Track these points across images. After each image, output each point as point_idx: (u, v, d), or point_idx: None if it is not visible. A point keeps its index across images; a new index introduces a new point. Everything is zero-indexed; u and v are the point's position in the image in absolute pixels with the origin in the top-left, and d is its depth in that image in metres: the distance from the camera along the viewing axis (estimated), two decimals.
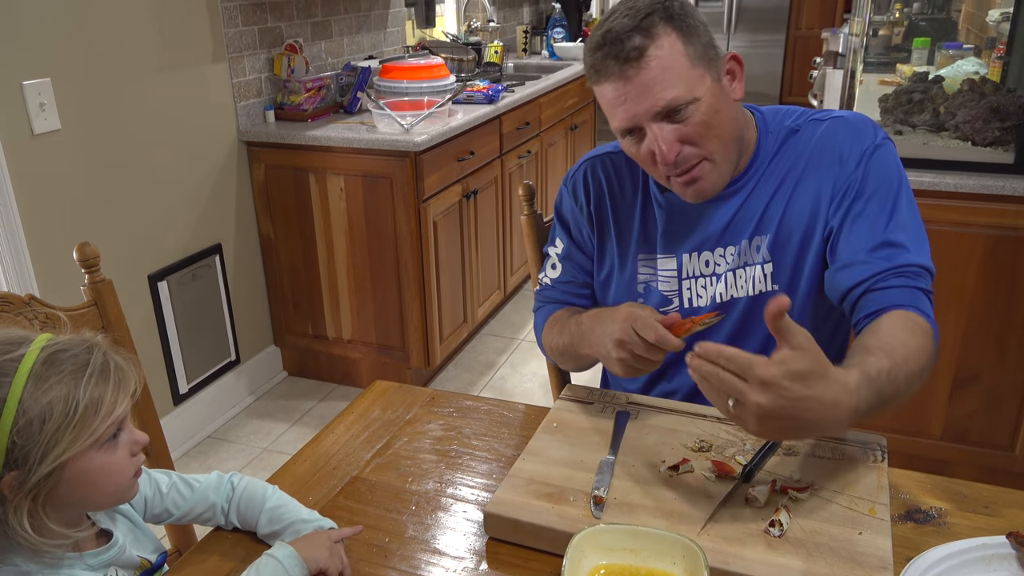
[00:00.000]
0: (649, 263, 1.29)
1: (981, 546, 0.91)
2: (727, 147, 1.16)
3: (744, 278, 1.23)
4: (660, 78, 1.08)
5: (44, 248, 2.11)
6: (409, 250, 2.72)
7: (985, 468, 2.22)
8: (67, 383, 0.82)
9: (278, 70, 2.85)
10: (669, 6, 1.10)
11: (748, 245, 1.23)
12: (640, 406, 1.21)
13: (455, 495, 1.09)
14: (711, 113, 1.11)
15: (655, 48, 1.08)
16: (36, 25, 2.04)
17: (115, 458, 0.87)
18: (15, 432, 0.80)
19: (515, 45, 4.76)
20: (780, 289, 1.22)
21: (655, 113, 1.10)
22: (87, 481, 0.85)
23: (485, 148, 3.08)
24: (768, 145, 1.23)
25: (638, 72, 1.09)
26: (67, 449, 0.81)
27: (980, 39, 2.40)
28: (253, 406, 2.92)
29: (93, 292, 1.24)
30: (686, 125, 1.11)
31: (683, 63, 1.09)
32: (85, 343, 0.86)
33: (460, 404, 1.32)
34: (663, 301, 1.28)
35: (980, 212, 2.00)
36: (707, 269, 1.26)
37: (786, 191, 1.21)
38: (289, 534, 0.99)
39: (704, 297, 1.26)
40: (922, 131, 2.11)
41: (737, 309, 1.25)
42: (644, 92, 1.09)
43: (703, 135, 1.12)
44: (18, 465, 0.80)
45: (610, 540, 0.89)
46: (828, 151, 1.19)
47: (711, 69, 1.12)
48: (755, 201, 1.22)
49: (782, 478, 1.03)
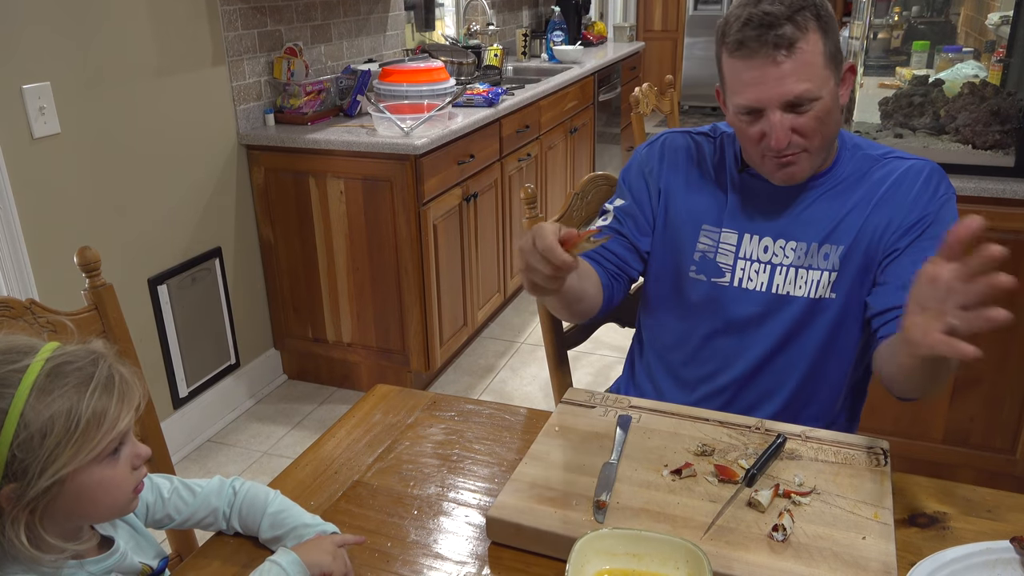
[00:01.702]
0: (711, 235, 1.32)
1: (985, 551, 0.91)
2: (825, 145, 1.22)
3: (805, 279, 1.27)
4: (800, 71, 1.14)
5: (44, 252, 2.11)
6: (409, 253, 2.72)
7: (986, 471, 2.21)
8: (70, 396, 0.81)
9: (278, 73, 2.85)
10: (820, 4, 1.16)
11: (816, 249, 1.26)
12: (642, 410, 1.21)
13: (457, 499, 1.09)
14: (825, 112, 1.17)
15: (804, 42, 1.14)
16: (35, 29, 2.04)
17: (116, 472, 0.86)
18: (16, 445, 0.79)
19: (515, 48, 4.76)
20: (836, 299, 1.26)
21: (784, 102, 1.15)
22: (86, 495, 0.84)
23: (485, 151, 3.08)
24: (846, 159, 1.29)
25: (786, 60, 1.13)
26: (67, 464, 0.80)
27: (980, 42, 2.40)
28: (253, 410, 2.92)
29: (94, 296, 1.24)
30: (803, 118, 1.17)
31: (820, 61, 1.15)
32: (91, 354, 0.85)
33: (461, 408, 1.31)
34: (717, 272, 1.32)
35: (980, 215, 2.00)
36: (764, 255, 1.29)
37: (863, 210, 1.25)
38: (291, 539, 0.98)
39: (755, 282, 1.30)
40: (922, 134, 2.12)
41: (793, 307, 1.28)
42: (782, 80, 1.14)
43: (814, 130, 1.18)
44: (17, 478, 0.79)
45: (613, 545, 0.89)
46: (911, 189, 1.25)
47: (836, 73, 1.19)
48: (826, 206, 1.27)
49: (785, 482, 1.03)
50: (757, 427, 1.15)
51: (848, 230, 1.25)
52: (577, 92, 4.10)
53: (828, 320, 1.27)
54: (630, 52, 5.11)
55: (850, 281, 1.26)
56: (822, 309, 1.27)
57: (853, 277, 1.26)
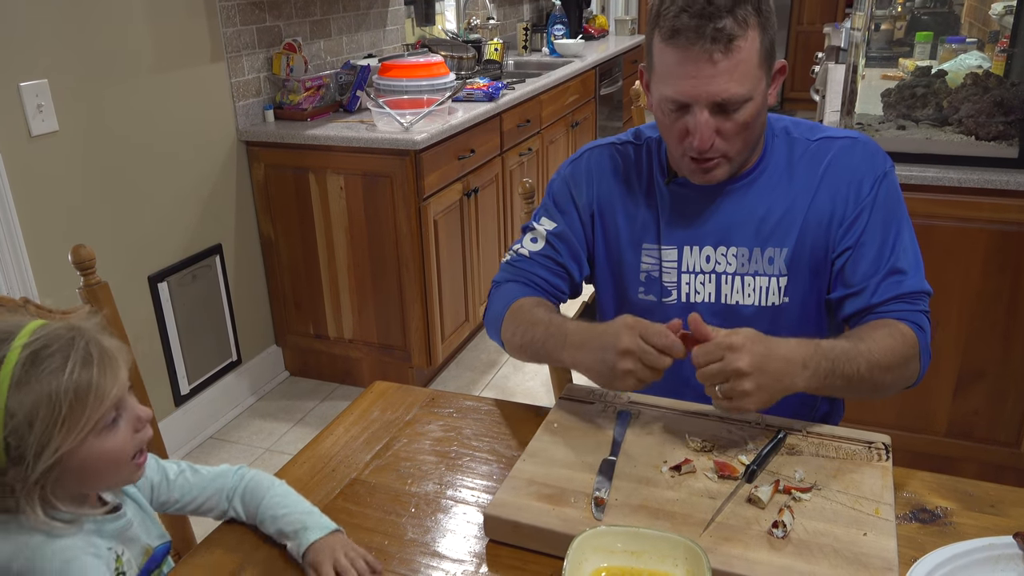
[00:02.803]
0: (652, 253, 1.28)
1: (988, 546, 0.90)
2: (747, 149, 1.19)
3: (753, 287, 1.24)
4: (735, 71, 1.08)
5: (43, 250, 2.11)
6: (410, 249, 2.71)
7: (990, 464, 2.20)
8: (48, 382, 0.82)
9: (277, 69, 2.84)
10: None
11: (760, 254, 1.23)
12: (641, 406, 1.20)
13: (455, 497, 1.08)
14: (753, 115, 1.13)
15: (742, 40, 1.08)
16: (33, 26, 2.03)
17: (116, 440, 0.88)
18: (7, 434, 0.82)
19: (515, 42, 4.75)
20: (791, 303, 1.23)
21: (713, 103, 1.10)
22: (90, 467, 0.87)
23: (485, 146, 3.07)
24: (776, 148, 1.25)
25: (723, 59, 1.07)
26: (62, 444, 0.83)
27: (983, 33, 2.38)
28: (255, 406, 2.91)
29: (89, 294, 1.23)
30: (728, 120, 1.12)
31: (755, 61, 1.10)
32: (69, 332, 0.86)
33: (460, 404, 1.31)
34: (664, 292, 1.28)
35: (984, 207, 1.99)
36: (707, 265, 1.25)
37: (802, 207, 1.22)
38: (286, 523, 0.98)
39: (702, 294, 1.26)
40: (925, 126, 2.10)
41: (742, 317, 1.24)
42: (715, 79, 1.08)
43: (737, 134, 1.14)
44: (16, 463, 0.82)
45: (611, 542, 0.88)
46: (845, 171, 1.22)
47: (768, 72, 1.14)
48: (761, 202, 1.23)
49: (785, 478, 1.02)
50: (757, 422, 1.14)
51: (790, 229, 1.21)
52: (578, 86, 4.09)
53: (784, 327, 1.19)
54: (632, 45, 5.09)
55: (804, 285, 1.23)
56: (777, 315, 1.23)
57: (806, 281, 1.23)
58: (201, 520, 1.10)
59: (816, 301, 1.25)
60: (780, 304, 1.23)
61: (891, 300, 1.18)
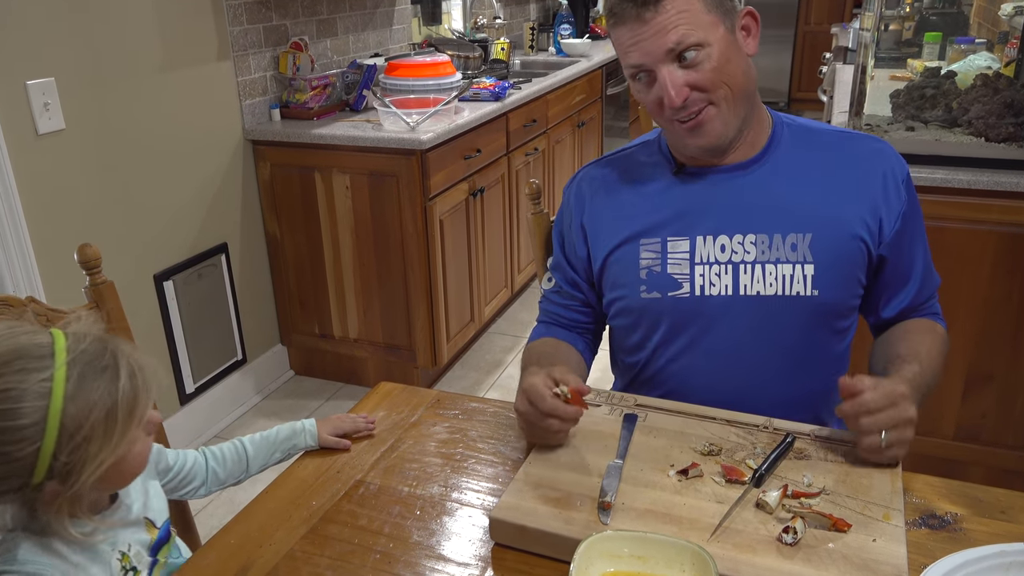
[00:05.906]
0: (653, 246, 1.24)
1: (999, 553, 0.88)
2: (736, 96, 1.17)
3: (775, 275, 1.20)
4: (674, 19, 1.11)
5: (49, 248, 2.11)
6: (415, 248, 2.70)
7: (998, 468, 2.19)
8: (103, 398, 0.86)
9: (283, 68, 2.84)
10: None
11: (781, 240, 1.20)
12: (648, 409, 1.19)
13: (460, 500, 1.07)
14: (722, 61, 1.14)
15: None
16: (39, 24, 2.03)
17: (144, 446, 0.94)
18: (58, 450, 0.83)
19: (522, 42, 4.74)
20: (821, 295, 1.20)
21: (666, 51, 1.12)
22: (117, 473, 0.91)
23: (492, 146, 3.07)
24: (786, 134, 1.25)
25: (655, 15, 1.11)
26: (108, 457, 0.86)
27: (992, 33, 2.37)
28: (260, 405, 2.91)
29: (94, 293, 1.23)
30: (697, 71, 1.13)
31: (698, 7, 1.12)
32: (103, 344, 0.89)
33: (465, 406, 1.30)
34: (672, 285, 1.23)
35: (994, 209, 1.97)
36: (723, 255, 1.21)
37: (822, 191, 1.21)
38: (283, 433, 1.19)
39: (718, 286, 1.21)
40: (934, 127, 2.09)
41: (765, 306, 1.21)
42: (657, 33, 1.12)
43: (713, 82, 1.14)
44: (61, 478, 0.84)
45: (618, 547, 0.88)
46: (873, 167, 1.23)
47: (726, 19, 1.15)
48: (776, 189, 1.21)
49: (794, 482, 1.01)
50: (765, 426, 1.13)
51: (811, 215, 1.20)
52: (585, 86, 4.08)
53: (806, 318, 1.21)
54: None
55: (837, 277, 1.20)
56: (800, 306, 1.20)
57: (835, 271, 1.20)
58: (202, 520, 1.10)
59: (847, 298, 1.23)
60: (808, 295, 1.20)
61: (928, 300, 1.30)
